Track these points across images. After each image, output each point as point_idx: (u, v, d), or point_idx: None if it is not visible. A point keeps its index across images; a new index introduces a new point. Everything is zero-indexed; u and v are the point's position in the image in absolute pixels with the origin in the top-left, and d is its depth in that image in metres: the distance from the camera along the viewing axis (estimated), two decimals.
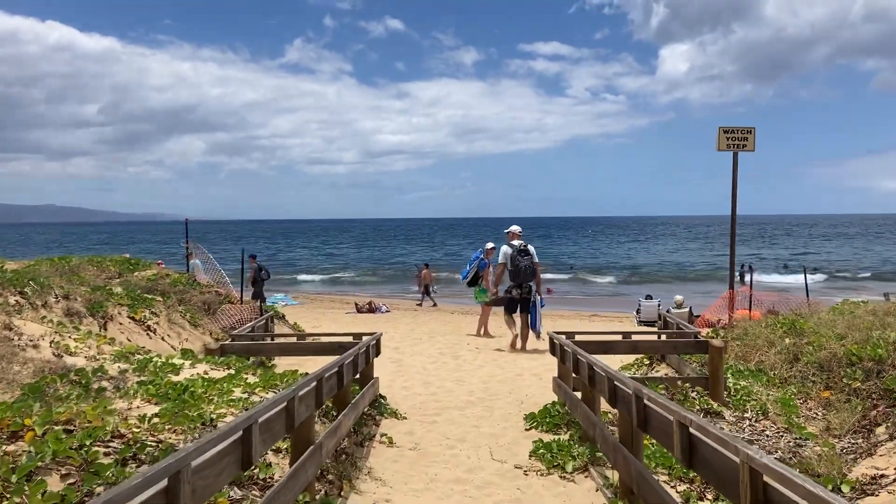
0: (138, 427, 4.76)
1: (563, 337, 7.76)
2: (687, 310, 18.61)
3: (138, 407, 5.38)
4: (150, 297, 9.32)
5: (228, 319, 9.67)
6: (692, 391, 7.62)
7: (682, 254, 60.14)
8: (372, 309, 20.77)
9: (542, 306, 11.96)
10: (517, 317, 11.65)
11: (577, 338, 7.91)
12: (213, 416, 5.36)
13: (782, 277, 39.80)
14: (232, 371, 6.85)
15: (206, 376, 6.36)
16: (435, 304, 24.12)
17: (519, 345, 11.63)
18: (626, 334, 8.48)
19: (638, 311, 18.98)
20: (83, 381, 5.67)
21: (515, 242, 11.47)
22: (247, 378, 6.50)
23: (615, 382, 4.62)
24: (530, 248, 11.51)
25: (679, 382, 7.68)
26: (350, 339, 8.21)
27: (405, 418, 7.45)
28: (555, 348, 7.67)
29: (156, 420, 4.92)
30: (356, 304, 21.24)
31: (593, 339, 7.96)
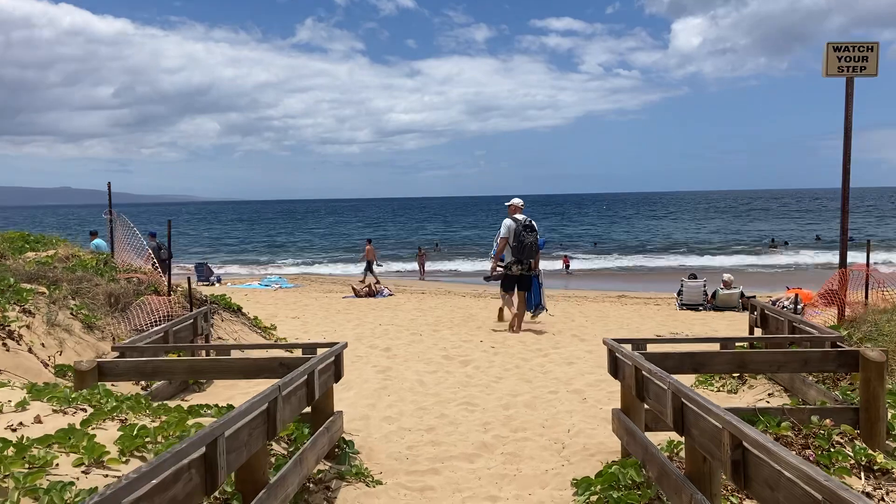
0: None
1: (630, 348, 4.81)
2: (738, 291, 15.61)
3: None
4: (28, 287, 6.45)
5: (146, 317, 6.80)
6: (836, 431, 4.71)
7: (705, 230, 56.87)
8: (372, 292, 17.91)
9: (540, 284, 11.29)
10: (515, 296, 10.59)
11: (652, 348, 4.96)
12: None
13: (819, 253, 36.51)
14: (85, 416, 4.00)
15: (16, 434, 3.51)
16: (377, 282, 22.54)
17: (516, 326, 10.49)
18: (726, 342, 5.49)
19: (679, 293, 15.97)
20: None
21: (519, 216, 10.43)
22: (95, 434, 3.63)
23: None
24: (534, 223, 10.53)
25: (814, 419, 4.75)
26: (300, 353, 5.30)
27: (380, 483, 4.54)
28: (619, 368, 4.73)
29: None
30: (353, 288, 18.37)
31: (677, 349, 5.01)
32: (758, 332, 6.89)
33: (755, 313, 6.73)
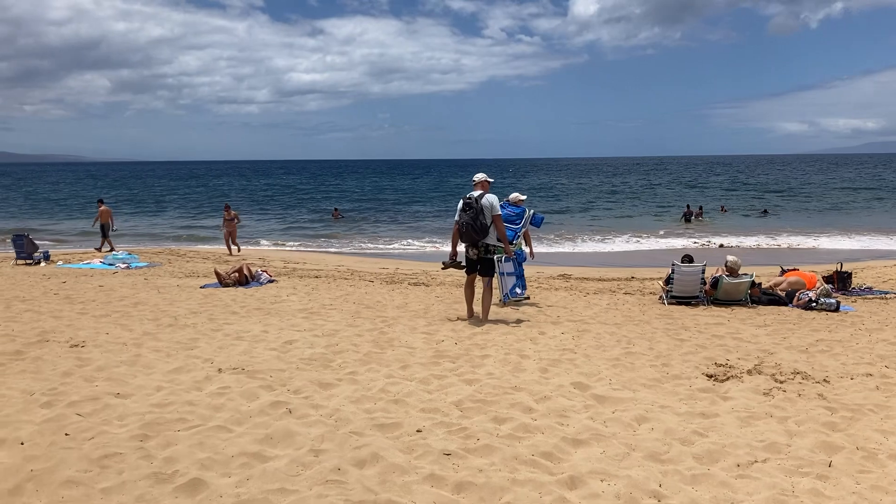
0: None
1: None
2: (748, 280, 10.97)
3: None
4: None
5: None
6: None
7: (604, 200, 53.50)
8: (243, 279, 12.14)
9: (509, 271, 9.68)
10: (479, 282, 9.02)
11: None
12: None
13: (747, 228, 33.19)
14: None
15: None
16: (110, 248, 20.40)
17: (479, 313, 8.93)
18: None
19: (668, 282, 11.15)
20: None
21: (474, 193, 8.75)
22: None
23: None
24: (483, 200, 8.55)
25: None
26: None
27: None
28: None
29: None
30: (217, 273, 12.45)
31: None
32: None
33: None
